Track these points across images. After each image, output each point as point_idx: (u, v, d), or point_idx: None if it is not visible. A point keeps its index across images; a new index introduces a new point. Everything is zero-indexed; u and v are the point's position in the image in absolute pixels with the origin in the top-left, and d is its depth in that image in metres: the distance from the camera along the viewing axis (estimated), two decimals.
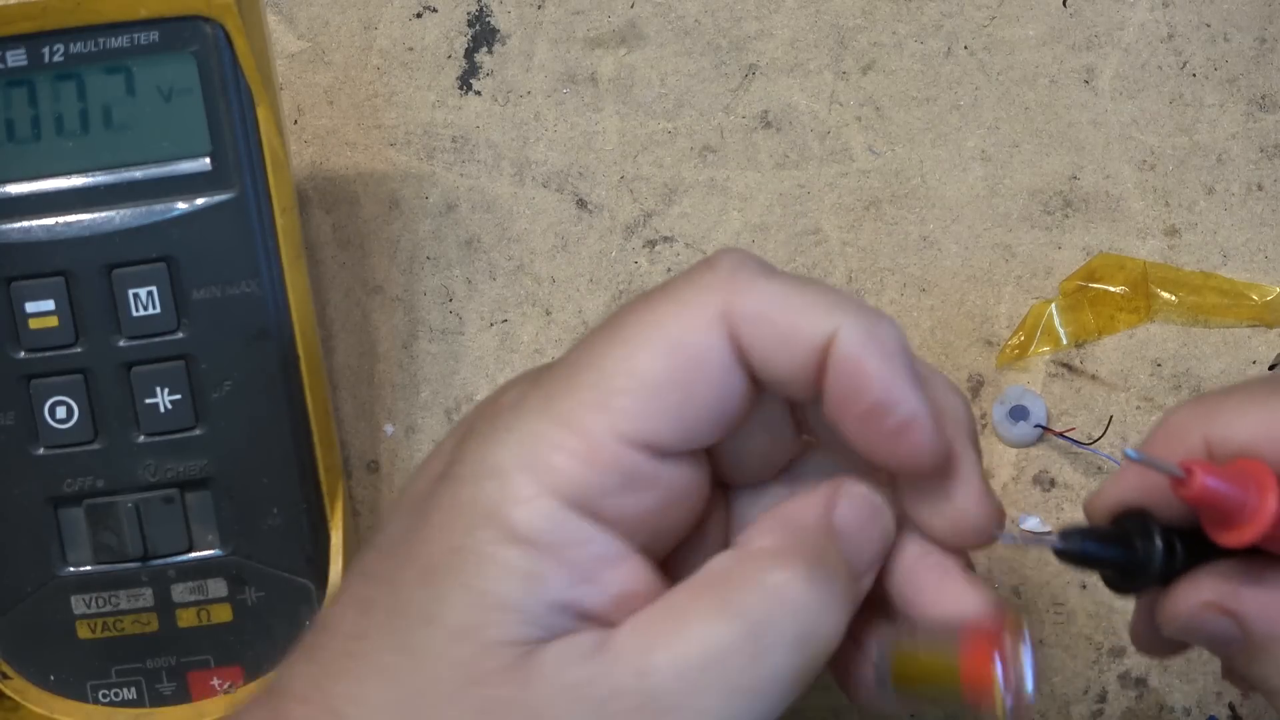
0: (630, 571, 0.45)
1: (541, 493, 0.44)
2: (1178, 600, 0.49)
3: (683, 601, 0.45)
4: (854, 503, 0.48)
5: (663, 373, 0.45)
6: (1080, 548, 0.49)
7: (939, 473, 0.47)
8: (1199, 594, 0.48)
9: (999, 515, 0.48)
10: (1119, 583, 0.50)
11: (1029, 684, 0.46)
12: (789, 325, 0.45)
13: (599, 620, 0.45)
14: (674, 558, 0.48)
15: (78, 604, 0.58)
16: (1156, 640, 0.50)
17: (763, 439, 0.49)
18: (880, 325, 0.46)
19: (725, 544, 0.50)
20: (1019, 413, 0.62)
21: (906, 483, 0.48)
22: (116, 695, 0.58)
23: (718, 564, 0.46)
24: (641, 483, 0.45)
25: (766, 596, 0.45)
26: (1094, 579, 0.61)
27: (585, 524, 0.45)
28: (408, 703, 0.44)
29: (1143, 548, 0.48)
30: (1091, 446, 0.62)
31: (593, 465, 0.44)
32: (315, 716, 0.44)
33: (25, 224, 0.56)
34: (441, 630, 0.44)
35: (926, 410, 0.46)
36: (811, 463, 0.51)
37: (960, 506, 0.48)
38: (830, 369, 0.45)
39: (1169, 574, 0.49)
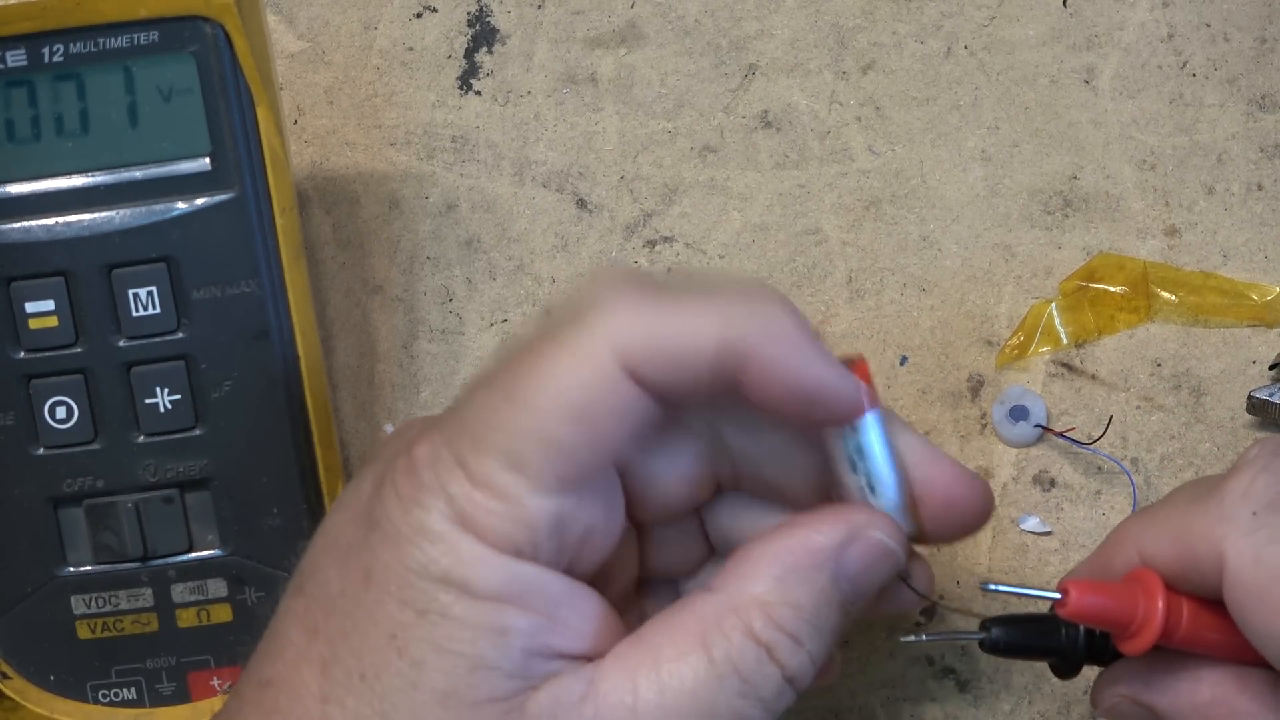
0: (584, 603, 0.47)
1: (486, 552, 0.46)
2: (1100, 689, 0.52)
3: (663, 643, 0.46)
4: (867, 550, 0.49)
5: (571, 433, 0.46)
6: (1001, 637, 0.51)
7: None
8: (1116, 686, 0.51)
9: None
10: (1057, 669, 0.52)
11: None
12: (679, 346, 0.46)
13: (571, 656, 0.46)
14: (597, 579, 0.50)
15: (78, 604, 0.58)
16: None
17: (677, 477, 0.51)
18: (773, 321, 0.47)
19: (637, 563, 0.53)
20: (1019, 413, 0.62)
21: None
22: (116, 695, 0.58)
23: (704, 608, 0.47)
24: (567, 522, 0.47)
25: (758, 653, 0.46)
26: None
27: (532, 569, 0.46)
28: None
29: (1066, 635, 0.51)
30: (1091, 446, 0.62)
31: (520, 523, 0.46)
32: None
33: (25, 224, 0.56)
34: (425, 695, 0.45)
35: (843, 376, 0.48)
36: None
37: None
38: (744, 379, 0.47)
39: (1104, 659, 0.51)
